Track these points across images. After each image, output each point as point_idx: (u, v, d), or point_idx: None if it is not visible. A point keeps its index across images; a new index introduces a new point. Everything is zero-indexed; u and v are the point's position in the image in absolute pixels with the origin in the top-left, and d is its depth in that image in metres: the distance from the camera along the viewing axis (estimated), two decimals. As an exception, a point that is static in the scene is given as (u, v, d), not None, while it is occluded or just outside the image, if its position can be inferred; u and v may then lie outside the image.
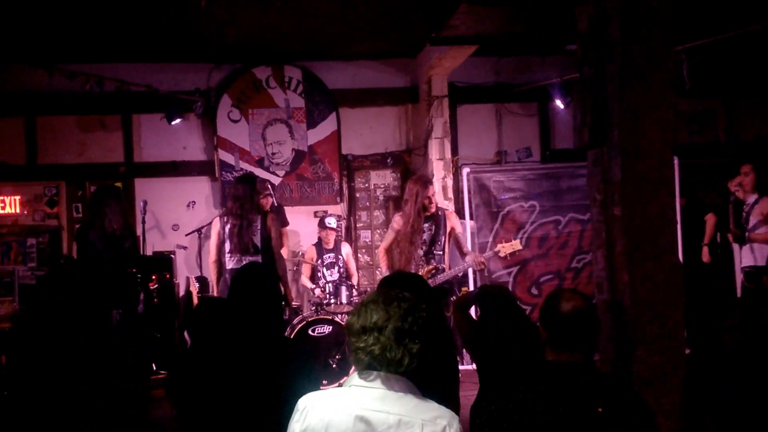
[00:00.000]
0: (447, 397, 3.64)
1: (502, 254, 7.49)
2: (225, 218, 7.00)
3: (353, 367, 2.58)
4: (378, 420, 2.42)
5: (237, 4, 7.28)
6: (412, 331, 2.49)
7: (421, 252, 7.00)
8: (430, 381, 3.05)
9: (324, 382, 7.13)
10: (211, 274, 7.43)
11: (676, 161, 7.40)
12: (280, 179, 9.56)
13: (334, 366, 7.32)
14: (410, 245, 7.01)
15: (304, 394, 2.61)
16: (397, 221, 7.09)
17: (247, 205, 6.89)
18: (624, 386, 3.22)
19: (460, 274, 7.36)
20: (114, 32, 8.01)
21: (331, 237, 8.63)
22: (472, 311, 4.60)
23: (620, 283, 4.14)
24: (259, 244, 6.88)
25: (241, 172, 9.36)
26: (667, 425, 3.85)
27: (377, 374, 2.48)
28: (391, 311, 2.50)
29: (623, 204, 4.04)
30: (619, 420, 2.83)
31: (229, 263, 6.92)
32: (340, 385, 2.78)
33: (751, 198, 7.86)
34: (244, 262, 6.67)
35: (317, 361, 3.38)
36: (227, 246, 6.94)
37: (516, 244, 7.41)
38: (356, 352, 2.51)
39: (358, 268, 9.01)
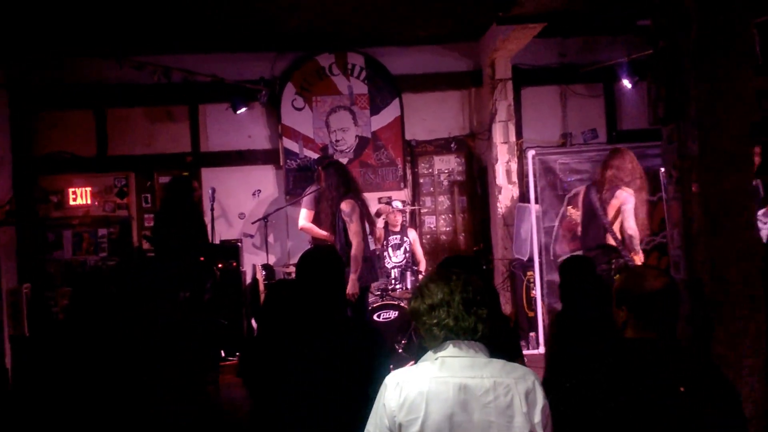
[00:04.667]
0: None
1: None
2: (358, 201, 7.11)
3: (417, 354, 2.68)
4: (475, 385, 2.51)
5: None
6: (476, 300, 2.64)
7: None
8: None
9: (390, 366, 7.15)
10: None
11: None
12: (344, 166, 9.58)
13: (399, 351, 7.30)
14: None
15: (379, 374, 2.69)
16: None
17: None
18: (707, 364, 3.13)
19: None
20: (180, 23, 8.11)
21: (398, 219, 8.65)
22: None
23: (698, 261, 4.07)
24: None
25: (305, 160, 9.43)
26: (747, 408, 3.75)
27: (460, 344, 2.59)
28: (453, 285, 2.64)
29: (701, 180, 3.95)
30: (704, 398, 2.75)
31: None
32: None
33: None
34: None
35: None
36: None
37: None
38: (431, 330, 2.61)
39: (424, 254, 8.98)
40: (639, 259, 6.71)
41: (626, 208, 6.72)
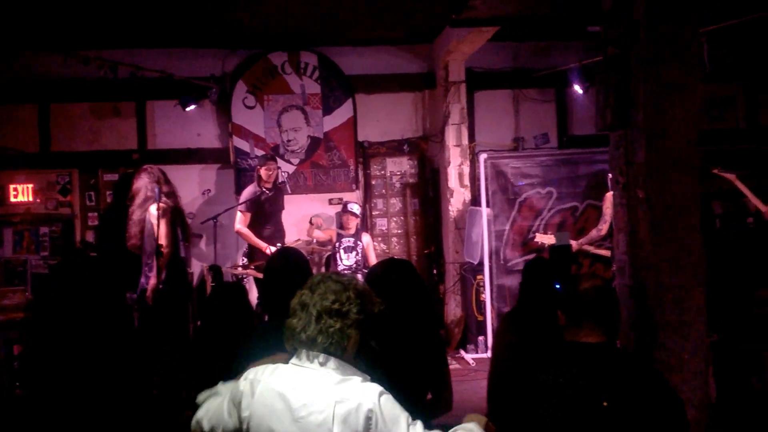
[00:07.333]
0: (432, 381, 3.70)
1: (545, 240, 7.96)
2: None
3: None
4: (294, 398, 2.47)
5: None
6: (333, 310, 2.51)
7: None
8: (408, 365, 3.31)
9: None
10: None
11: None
12: (295, 167, 9.53)
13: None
14: None
15: None
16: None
17: None
18: (649, 370, 3.14)
19: None
20: (130, 17, 8.00)
21: (353, 223, 8.67)
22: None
23: (642, 266, 4.10)
24: None
25: (256, 159, 9.35)
26: (690, 413, 3.79)
27: (304, 353, 2.53)
28: (318, 290, 2.55)
29: (647, 186, 3.99)
30: (644, 405, 2.76)
31: None
32: None
33: None
34: None
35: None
36: None
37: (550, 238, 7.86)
38: (285, 330, 2.58)
39: (376, 258, 8.97)
40: None
41: None
